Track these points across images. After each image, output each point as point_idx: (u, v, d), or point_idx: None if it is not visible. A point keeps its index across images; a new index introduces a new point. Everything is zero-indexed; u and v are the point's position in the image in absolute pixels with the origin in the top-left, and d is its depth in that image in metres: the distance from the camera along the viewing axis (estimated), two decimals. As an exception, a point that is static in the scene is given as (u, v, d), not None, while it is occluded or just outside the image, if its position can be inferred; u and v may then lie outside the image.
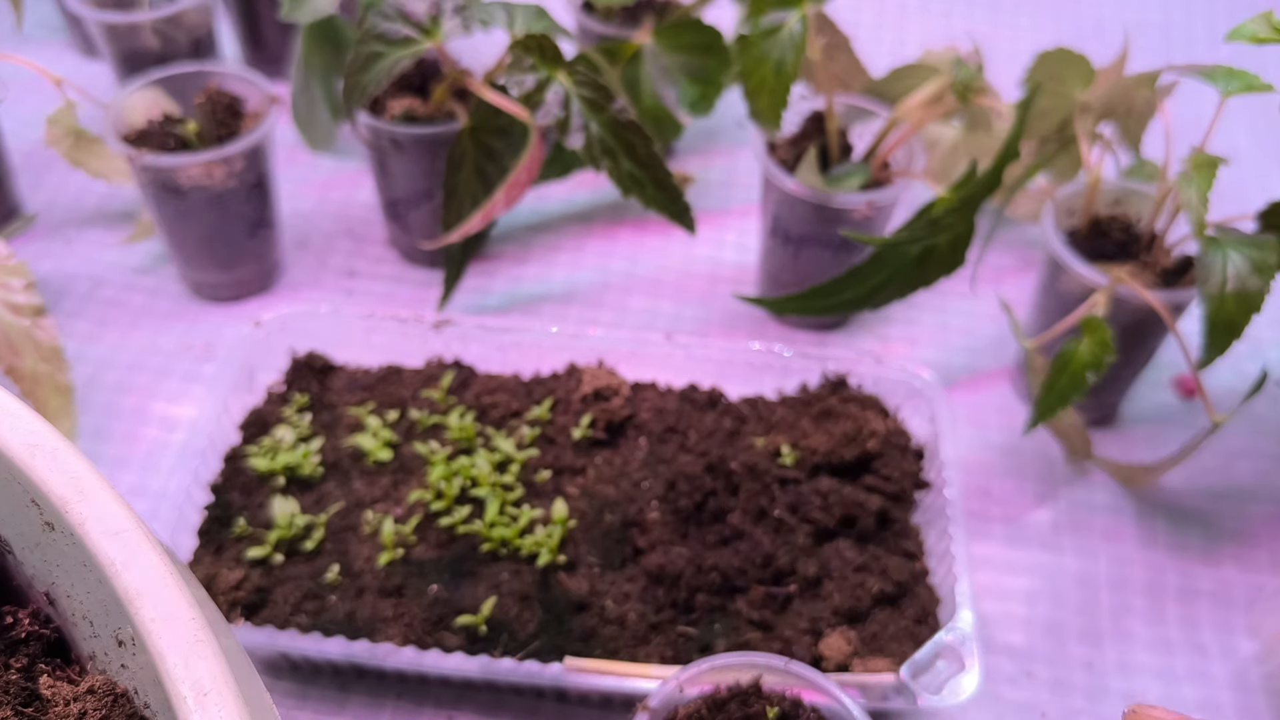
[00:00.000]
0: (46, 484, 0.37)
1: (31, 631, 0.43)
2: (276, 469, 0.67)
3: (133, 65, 0.92)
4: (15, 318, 0.69)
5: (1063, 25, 1.18)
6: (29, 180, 0.94)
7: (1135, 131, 0.81)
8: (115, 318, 0.84)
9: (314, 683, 0.63)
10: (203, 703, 0.33)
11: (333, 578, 0.62)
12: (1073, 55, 0.76)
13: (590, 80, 0.69)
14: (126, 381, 0.80)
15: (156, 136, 0.79)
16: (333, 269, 0.89)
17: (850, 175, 0.77)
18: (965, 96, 0.74)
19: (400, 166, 0.82)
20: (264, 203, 0.82)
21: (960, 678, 0.57)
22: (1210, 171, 0.61)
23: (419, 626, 0.60)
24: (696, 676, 0.50)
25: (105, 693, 0.40)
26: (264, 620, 0.60)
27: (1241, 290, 0.62)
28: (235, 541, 0.64)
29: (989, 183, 0.69)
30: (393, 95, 0.81)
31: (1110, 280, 0.67)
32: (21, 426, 0.38)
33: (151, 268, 0.88)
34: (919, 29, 1.16)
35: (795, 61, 0.67)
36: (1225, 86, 0.64)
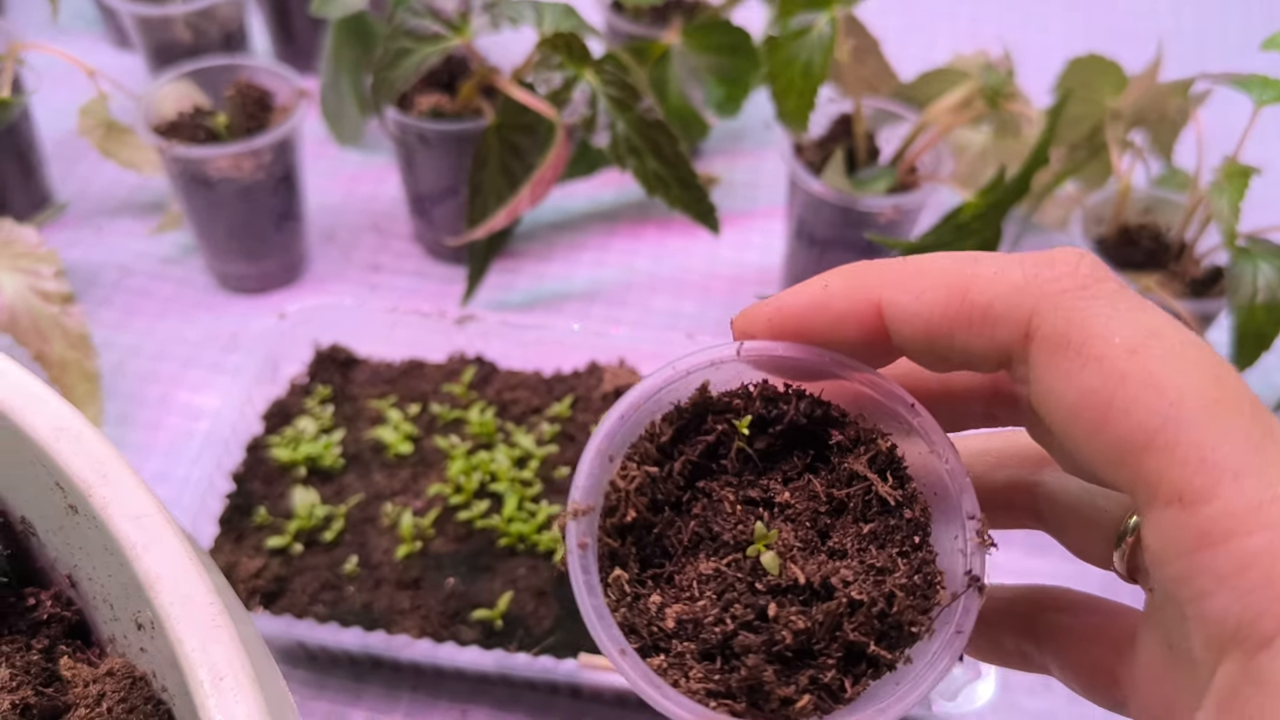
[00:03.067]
0: (70, 467, 0.38)
1: (53, 614, 0.43)
2: (298, 459, 0.67)
3: (165, 58, 0.93)
4: (44, 304, 0.70)
5: (1094, 32, 1.17)
6: (61, 170, 0.95)
7: (1167, 140, 0.80)
8: (143, 307, 0.85)
9: (331, 673, 0.64)
10: (219, 686, 0.33)
11: (351, 569, 0.63)
12: (1105, 62, 0.76)
13: (617, 79, 0.69)
14: (153, 370, 0.80)
15: (187, 128, 0.80)
16: (358, 263, 0.90)
17: (877, 179, 0.76)
18: (995, 102, 0.73)
19: (426, 162, 0.82)
20: (291, 196, 0.82)
21: (976, 685, 0.56)
22: (1243, 181, 0.61)
23: (435, 619, 0.60)
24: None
25: (124, 675, 0.40)
26: (282, 609, 0.60)
27: (1272, 301, 0.61)
28: (256, 530, 0.64)
29: (1017, 188, 0.68)
30: (421, 91, 0.82)
31: (1138, 289, 0.67)
32: (48, 410, 0.39)
33: (180, 258, 0.89)
34: (948, 33, 1.16)
35: (823, 63, 0.67)
36: (1260, 95, 0.63)
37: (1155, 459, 0.22)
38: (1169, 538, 0.22)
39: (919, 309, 0.25)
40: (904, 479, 0.28)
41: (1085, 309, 0.23)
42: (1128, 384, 0.22)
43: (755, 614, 0.26)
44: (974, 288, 0.24)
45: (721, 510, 0.28)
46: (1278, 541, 0.20)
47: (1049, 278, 0.24)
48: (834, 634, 0.25)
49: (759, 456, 0.29)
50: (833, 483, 0.28)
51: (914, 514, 0.27)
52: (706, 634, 0.26)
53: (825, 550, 0.27)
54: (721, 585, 0.26)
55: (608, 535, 0.27)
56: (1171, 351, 0.22)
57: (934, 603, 0.26)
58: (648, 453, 0.28)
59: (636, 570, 0.27)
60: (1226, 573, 0.21)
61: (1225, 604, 0.21)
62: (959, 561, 0.26)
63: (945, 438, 0.27)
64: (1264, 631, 0.20)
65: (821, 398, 0.29)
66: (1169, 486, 0.21)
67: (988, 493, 0.29)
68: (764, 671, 0.25)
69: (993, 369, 0.25)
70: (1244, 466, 0.21)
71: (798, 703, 0.24)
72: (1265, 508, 0.20)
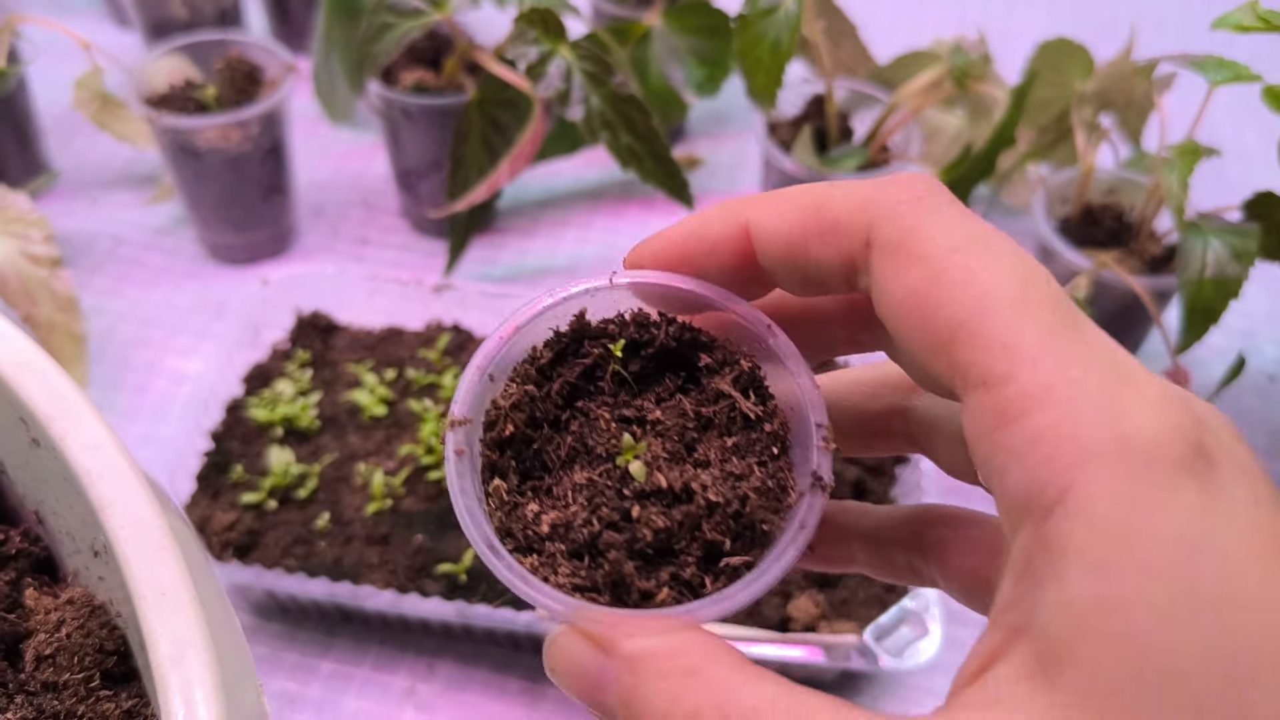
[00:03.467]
0: (33, 401, 0.40)
1: (21, 549, 0.45)
2: (275, 420, 0.69)
3: (162, 34, 0.95)
4: (33, 267, 0.72)
5: (1079, 20, 1.18)
6: (58, 143, 0.97)
7: (1135, 124, 0.81)
8: (134, 275, 0.87)
9: (301, 626, 0.66)
10: (160, 601, 0.35)
11: (323, 525, 0.65)
12: (1073, 46, 0.77)
13: (592, 55, 0.71)
14: (141, 336, 0.83)
15: (177, 100, 0.82)
16: (346, 236, 0.92)
17: (847, 157, 0.78)
18: (963, 83, 0.75)
19: (411, 137, 0.84)
20: (279, 168, 0.84)
21: (920, 642, 0.58)
22: (1193, 158, 0.62)
23: (402, 573, 0.62)
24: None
25: (83, 604, 0.42)
26: (254, 561, 0.63)
27: (1220, 276, 0.62)
28: (232, 487, 0.67)
29: (980, 166, 0.70)
30: (405, 67, 0.84)
31: (1094, 264, 0.68)
32: (12, 346, 0.41)
33: (171, 229, 0.91)
34: (934, 20, 1.17)
35: (790, 41, 0.69)
36: (1214, 76, 0.64)
37: (965, 347, 0.23)
38: (976, 420, 0.23)
39: (779, 226, 0.27)
40: (765, 396, 0.30)
41: (917, 218, 0.25)
42: (945, 280, 0.24)
43: (620, 516, 0.27)
44: (826, 205, 0.26)
45: (597, 427, 0.30)
46: (1063, 418, 0.22)
47: (888, 193, 0.26)
48: (694, 534, 0.27)
49: (633, 379, 0.31)
50: (701, 402, 0.30)
51: (773, 427, 0.29)
52: (575, 534, 0.27)
53: (691, 461, 0.29)
54: (592, 492, 0.28)
55: (488, 449, 0.29)
56: (987, 252, 0.24)
57: (786, 505, 0.28)
58: (527, 374, 0.30)
59: (516, 482, 0.29)
60: (1019, 448, 0.22)
61: (1017, 478, 0.22)
62: (810, 467, 0.28)
63: (800, 358, 0.29)
64: (1048, 501, 0.22)
65: (691, 324, 0.31)
66: (976, 372, 0.23)
67: (867, 421, 0.32)
68: (625, 566, 0.26)
69: (844, 284, 0.27)
70: (1041, 352, 0.22)
71: (657, 595, 0.26)
72: (1056, 388, 0.22)
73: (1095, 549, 0.21)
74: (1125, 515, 0.21)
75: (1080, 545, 0.21)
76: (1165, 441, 0.22)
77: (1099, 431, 0.22)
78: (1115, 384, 0.22)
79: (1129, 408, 0.22)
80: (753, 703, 0.23)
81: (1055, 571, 0.22)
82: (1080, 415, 0.22)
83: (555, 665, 0.27)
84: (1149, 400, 0.22)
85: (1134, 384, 0.22)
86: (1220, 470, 0.22)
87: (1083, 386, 0.22)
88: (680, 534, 0.27)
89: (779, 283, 0.29)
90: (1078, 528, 0.21)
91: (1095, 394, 0.22)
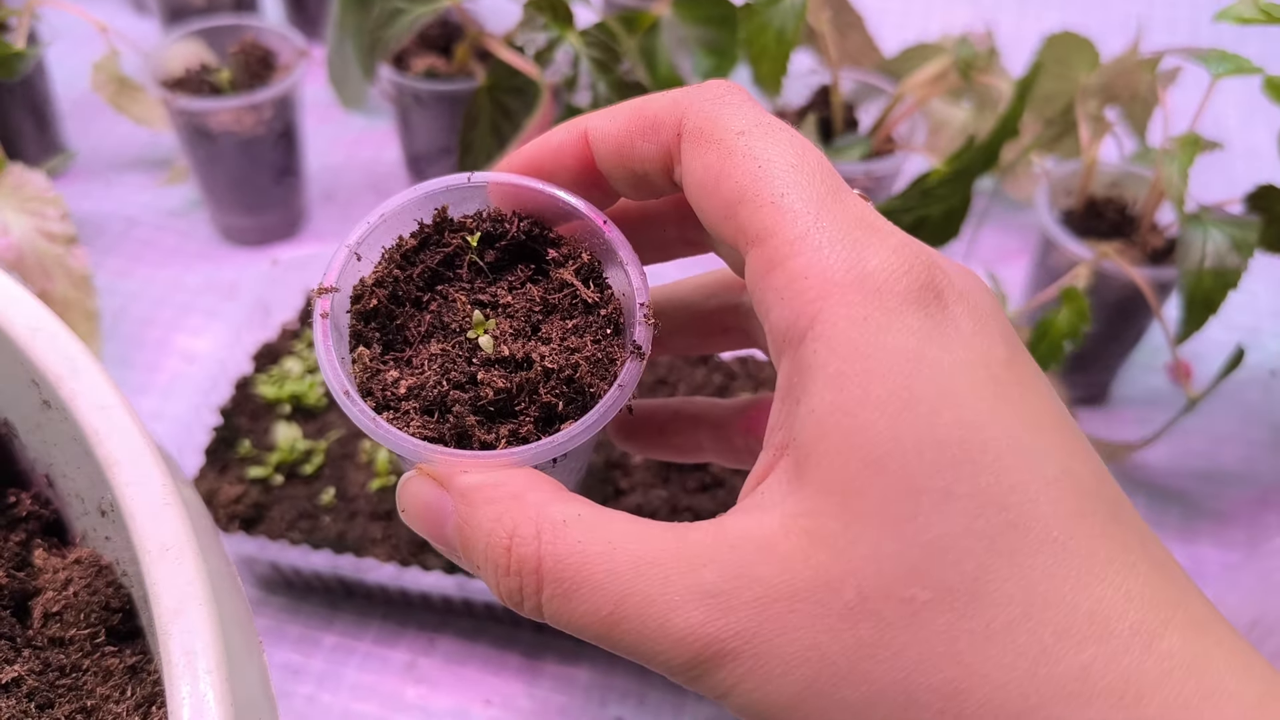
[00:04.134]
0: (44, 363, 0.41)
1: (32, 511, 0.46)
2: (283, 397, 0.70)
3: (178, 19, 0.97)
4: (49, 245, 0.74)
5: (1090, 16, 1.18)
6: (77, 126, 0.99)
7: (1140, 118, 0.82)
8: (147, 256, 0.89)
9: (305, 599, 0.67)
10: (164, 557, 0.36)
11: (328, 500, 0.66)
12: (1079, 39, 0.78)
13: (600, 41, 0.72)
14: (153, 315, 0.84)
15: (192, 83, 0.83)
16: (356, 220, 0.92)
17: (852, 146, 0.79)
18: (967, 74, 0.75)
19: (421, 122, 0.85)
20: (290, 151, 0.85)
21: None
22: (1192, 150, 0.63)
23: (405, 548, 0.63)
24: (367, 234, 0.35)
25: (90, 563, 0.43)
26: (259, 534, 0.64)
27: (1220, 267, 0.63)
28: (239, 462, 0.68)
29: (984, 157, 0.70)
30: (417, 53, 0.85)
31: (1095, 254, 0.69)
32: (25, 310, 0.42)
33: (185, 211, 0.93)
34: (944, 15, 1.18)
35: (795, 29, 0.69)
36: (1216, 68, 0.65)
37: (745, 209, 0.27)
38: (752, 272, 0.28)
39: (611, 128, 0.31)
40: (603, 285, 0.34)
41: (718, 111, 0.29)
42: (733, 156, 0.28)
43: (467, 379, 0.31)
44: (647, 106, 0.31)
45: (453, 307, 0.34)
46: (814, 261, 0.26)
47: (697, 93, 0.30)
48: (532, 396, 0.31)
49: (489, 269, 0.35)
50: (548, 290, 0.34)
51: (608, 312, 0.33)
52: (427, 394, 0.31)
53: (536, 339, 0.33)
54: (445, 360, 0.32)
55: (355, 320, 0.33)
56: (769, 134, 0.28)
57: (613, 372, 0.31)
58: (392, 257, 0.34)
59: (379, 351, 0.33)
60: (779, 288, 0.26)
61: (779, 313, 0.27)
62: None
63: (629, 248, 0.33)
64: (801, 329, 0.26)
65: (540, 221, 0.34)
66: (753, 230, 0.27)
67: (706, 318, 0.38)
68: (467, 419, 0.30)
69: (666, 179, 0.31)
70: (803, 209, 0.27)
71: (496, 446, 0.30)
72: (810, 236, 0.26)
73: (833, 364, 0.25)
74: (858, 335, 0.25)
75: (822, 362, 0.25)
76: (897, 277, 0.26)
77: (842, 269, 0.26)
78: (861, 232, 0.26)
79: (869, 251, 0.26)
80: (562, 518, 0.27)
81: (805, 388, 0.26)
82: (827, 257, 0.26)
83: (405, 504, 0.31)
84: (888, 246, 0.26)
85: (877, 233, 0.27)
86: (948, 304, 0.26)
87: (832, 234, 0.26)
88: (519, 395, 0.31)
89: (615, 186, 0.33)
90: (820, 348, 0.25)
91: (842, 240, 0.26)
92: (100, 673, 0.40)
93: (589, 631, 0.27)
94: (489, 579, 0.29)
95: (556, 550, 0.27)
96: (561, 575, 0.27)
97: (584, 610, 0.26)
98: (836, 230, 0.26)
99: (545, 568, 0.27)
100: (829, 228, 0.26)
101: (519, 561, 0.27)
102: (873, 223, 0.27)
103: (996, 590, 0.23)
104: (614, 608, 0.26)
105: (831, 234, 0.26)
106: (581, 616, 0.26)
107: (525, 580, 0.27)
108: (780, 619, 0.24)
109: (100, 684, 0.40)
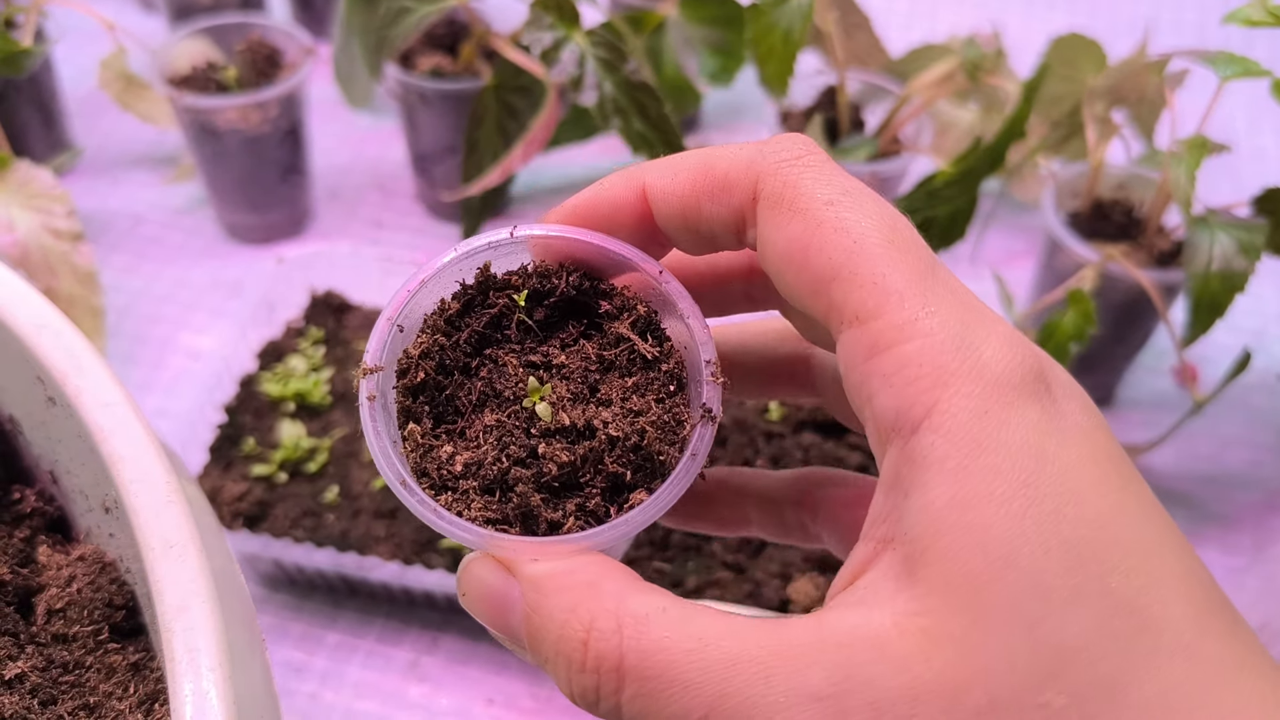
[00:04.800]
0: (49, 360, 0.41)
1: (36, 507, 0.46)
2: (287, 395, 0.70)
3: (185, 17, 0.97)
4: (55, 241, 0.74)
5: (1098, 18, 1.18)
6: (84, 124, 0.99)
7: (1147, 120, 0.82)
8: (153, 253, 0.89)
9: (309, 598, 0.67)
10: (167, 553, 0.36)
11: (331, 498, 0.66)
12: (1086, 41, 0.78)
13: (606, 41, 0.72)
14: (158, 312, 0.84)
15: (198, 81, 0.83)
16: (361, 219, 0.93)
17: (858, 147, 0.79)
18: (974, 75, 0.75)
19: (427, 121, 0.85)
20: (296, 149, 0.85)
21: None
22: (1200, 152, 0.62)
23: (408, 546, 0.63)
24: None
25: (94, 560, 0.43)
26: (262, 532, 0.64)
27: (1227, 270, 0.63)
28: (244, 459, 0.68)
29: (990, 158, 0.70)
30: (423, 52, 0.85)
31: (1101, 257, 0.69)
32: (30, 307, 0.42)
33: (191, 209, 0.93)
34: (951, 16, 1.17)
35: (802, 30, 0.69)
36: (1224, 71, 0.64)
37: (841, 287, 0.26)
38: (850, 352, 0.26)
39: (674, 186, 0.29)
40: (662, 338, 0.32)
41: (798, 175, 0.28)
42: (823, 229, 0.27)
43: (528, 453, 0.30)
44: (715, 165, 0.29)
45: (505, 372, 0.32)
46: (927, 347, 0.25)
47: (772, 152, 0.28)
48: (597, 467, 0.29)
49: (539, 326, 0.33)
50: (603, 346, 0.32)
51: (669, 366, 0.31)
52: (486, 471, 0.29)
53: (594, 401, 0.31)
54: (501, 433, 0.30)
55: (402, 395, 0.31)
56: (858, 204, 0.27)
57: (681, 436, 0.30)
58: (436, 324, 0.32)
59: (430, 426, 0.31)
60: (888, 373, 0.25)
61: (885, 400, 0.25)
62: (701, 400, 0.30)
63: (690, 300, 0.31)
64: (914, 419, 0.25)
65: (590, 273, 0.32)
66: (850, 309, 0.26)
67: (773, 364, 0.35)
68: (532, 498, 0.28)
69: (734, 239, 0.30)
70: (907, 289, 0.25)
71: (564, 525, 0.29)
72: (920, 321, 0.25)
73: (952, 457, 0.24)
74: (978, 428, 0.24)
75: (940, 455, 0.24)
76: (1013, 369, 0.25)
77: (957, 358, 0.25)
78: (971, 319, 0.25)
79: (983, 340, 0.25)
80: (645, 611, 0.25)
81: (919, 481, 0.24)
82: (941, 344, 0.25)
83: (466, 589, 0.29)
84: (1000, 335, 0.25)
85: (987, 322, 0.26)
86: (1058, 397, 0.25)
87: (943, 320, 0.25)
88: (584, 467, 0.29)
89: (675, 242, 0.31)
90: (938, 440, 0.24)
91: (954, 327, 0.25)
92: (103, 669, 0.40)
93: None
94: (559, 675, 0.26)
95: (641, 646, 0.25)
96: (647, 674, 0.24)
97: (672, 712, 0.24)
98: (947, 315, 0.25)
99: (628, 665, 0.25)
100: (938, 313, 0.25)
101: (597, 658, 0.25)
102: (978, 307, 0.26)
103: (1134, 696, 0.22)
104: (708, 710, 0.24)
105: (942, 319, 0.25)
106: (670, 719, 0.24)
107: (604, 679, 0.25)
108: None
109: (103, 681, 0.40)
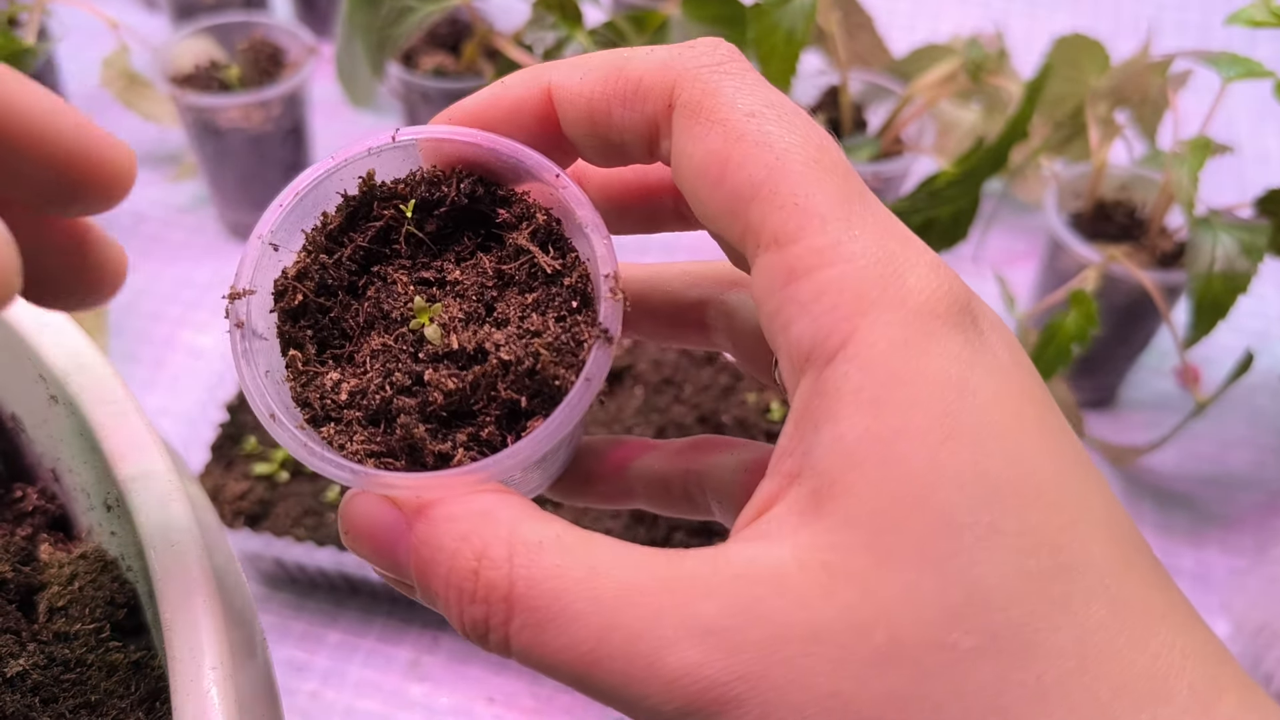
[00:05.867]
0: (51, 358, 0.41)
1: (38, 506, 0.46)
2: (289, 394, 0.70)
3: (188, 16, 0.97)
4: (57, 240, 0.74)
5: (1101, 19, 1.18)
6: (86, 121, 0.99)
7: (1150, 121, 0.82)
8: (155, 251, 0.89)
9: (310, 596, 0.67)
10: (169, 550, 0.36)
11: (333, 497, 0.66)
12: (1089, 41, 0.78)
13: (608, 41, 0.72)
14: (160, 311, 0.84)
15: (201, 79, 0.83)
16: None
17: (861, 147, 0.79)
18: (977, 76, 0.75)
19: (429, 120, 0.85)
20: (299, 148, 0.85)
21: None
22: (1203, 153, 0.62)
23: (409, 546, 0.63)
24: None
25: (95, 558, 0.43)
26: (264, 530, 0.64)
27: (1229, 271, 0.63)
28: (245, 458, 0.68)
29: (993, 158, 0.70)
30: (426, 51, 0.85)
31: (1104, 258, 0.69)
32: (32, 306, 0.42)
33: (193, 208, 0.93)
34: (954, 16, 1.17)
35: (805, 30, 0.69)
36: (1227, 72, 0.64)
37: (760, 207, 0.24)
38: (766, 277, 0.24)
39: (582, 88, 0.27)
40: (565, 249, 0.29)
41: (717, 82, 0.25)
42: (743, 142, 0.24)
43: (413, 380, 0.27)
44: (628, 67, 0.27)
45: (394, 291, 0.29)
46: (848, 273, 0.23)
47: (689, 57, 0.26)
48: (490, 394, 0.27)
49: (432, 240, 0.30)
50: (501, 259, 0.29)
51: (572, 281, 0.28)
52: (369, 400, 0.27)
53: (491, 321, 0.28)
54: (387, 357, 0.28)
55: (281, 320, 0.29)
56: (783, 118, 0.25)
57: (580, 359, 0.27)
58: (316, 241, 0.29)
59: (314, 351, 0.29)
60: (806, 300, 0.24)
61: (802, 328, 0.24)
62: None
63: (590, 206, 0.28)
64: (830, 348, 0.23)
65: (484, 178, 0.29)
66: (769, 231, 0.24)
67: (682, 308, 0.33)
68: (416, 430, 0.26)
69: (645, 150, 0.27)
70: (830, 213, 0.24)
71: (454, 457, 0.26)
72: (843, 245, 0.23)
73: (867, 388, 0.23)
74: (898, 359, 0.23)
75: (854, 386, 0.23)
76: (938, 298, 0.23)
77: (879, 286, 0.23)
78: (896, 247, 0.24)
79: (907, 268, 0.23)
80: (538, 538, 0.24)
81: (830, 413, 0.23)
82: (863, 271, 0.23)
83: (348, 526, 0.27)
84: (925, 264, 0.24)
85: (912, 247, 0.24)
86: (984, 329, 0.24)
87: (866, 245, 0.24)
88: (476, 394, 0.27)
89: (581, 151, 0.29)
90: (853, 370, 0.23)
91: (878, 253, 0.23)
92: (104, 668, 0.40)
93: (564, 670, 0.23)
94: (450, 608, 0.25)
95: (531, 574, 0.23)
96: (535, 603, 0.23)
97: (560, 644, 0.23)
98: (871, 241, 0.24)
99: (517, 593, 0.23)
100: (862, 238, 0.24)
101: (487, 587, 0.24)
102: (904, 234, 0.24)
103: (1049, 640, 0.21)
104: (595, 643, 0.22)
105: (865, 245, 0.23)
106: (556, 652, 0.23)
107: (493, 608, 0.24)
108: (794, 662, 0.21)
109: (104, 679, 0.40)
